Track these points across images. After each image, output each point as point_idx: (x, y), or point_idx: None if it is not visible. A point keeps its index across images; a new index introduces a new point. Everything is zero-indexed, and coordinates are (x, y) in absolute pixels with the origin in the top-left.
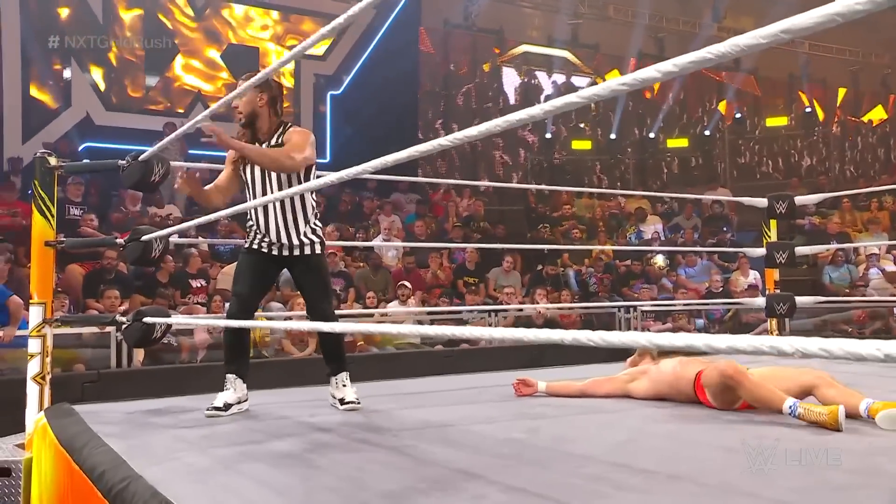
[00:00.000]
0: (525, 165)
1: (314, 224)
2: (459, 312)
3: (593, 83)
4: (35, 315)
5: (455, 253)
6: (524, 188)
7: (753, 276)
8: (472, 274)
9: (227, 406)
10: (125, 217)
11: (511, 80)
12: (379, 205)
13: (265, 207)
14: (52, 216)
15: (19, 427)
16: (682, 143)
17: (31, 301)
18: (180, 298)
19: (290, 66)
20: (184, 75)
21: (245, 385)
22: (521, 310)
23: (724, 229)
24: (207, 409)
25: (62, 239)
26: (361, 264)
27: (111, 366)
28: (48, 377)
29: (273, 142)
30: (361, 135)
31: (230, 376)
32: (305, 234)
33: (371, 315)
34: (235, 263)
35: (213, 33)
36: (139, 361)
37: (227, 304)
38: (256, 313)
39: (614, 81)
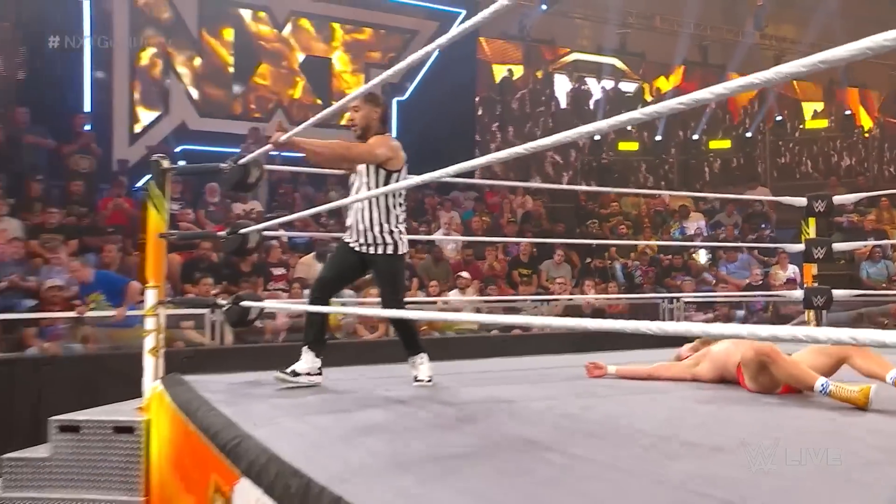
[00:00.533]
0: (575, 165)
1: (394, 228)
2: (514, 301)
3: (640, 89)
4: (150, 297)
5: (510, 246)
6: (573, 189)
7: (792, 270)
8: (525, 266)
9: (296, 374)
10: (212, 212)
11: (562, 85)
12: (439, 202)
13: (354, 208)
14: (165, 212)
15: (137, 393)
16: (725, 144)
17: (146, 285)
18: (263, 285)
19: (361, 75)
20: (265, 84)
21: (319, 360)
22: (570, 299)
23: (764, 226)
24: (276, 376)
25: (172, 232)
26: (424, 256)
27: (205, 344)
28: (161, 351)
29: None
30: (424, 137)
31: (305, 348)
32: (383, 236)
33: (434, 302)
34: (312, 254)
35: (290, 45)
36: (229, 341)
37: (305, 291)
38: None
39: (673, 101)
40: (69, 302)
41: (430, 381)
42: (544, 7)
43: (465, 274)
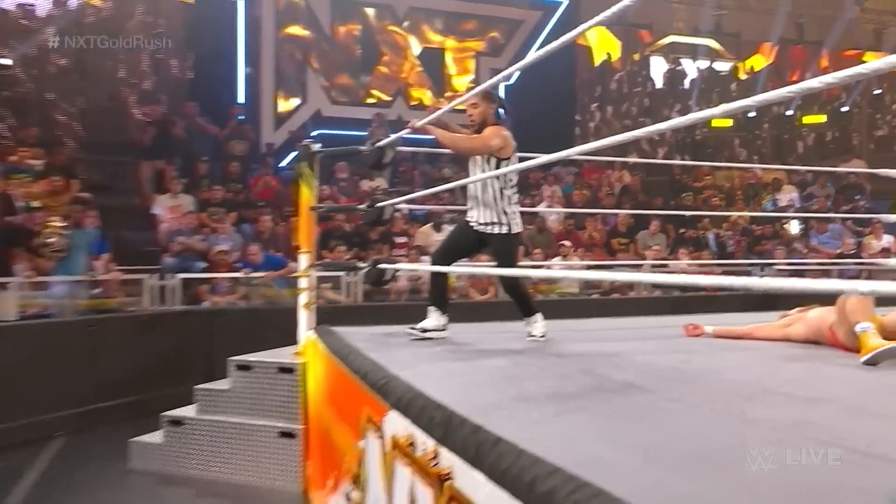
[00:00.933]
0: (670, 141)
1: (507, 209)
2: (612, 267)
3: (734, 68)
4: (303, 261)
5: (608, 217)
6: (668, 163)
7: (887, 240)
8: (623, 236)
9: (425, 330)
10: (343, 187)
11: (658, 67)
12: (542, 177)
13: (471, 192)
14: (314, 189)
15: (290, 341)
16: (820, 119)
17: (299, 251)
18: (388, 252)
19: (471, 62)
20: (387, 73)
21: (445, 317)
22: (665, 265)
23: (857, 197)
24: (408, 329)
25: (321, 205)
26: (529, 227)
27: (341, 302)
28: (313, 306)
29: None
30: (529, 118)
31: (431, 308)
32: (498, 217)
33: (539, 268)
34: (429, 224)
35: (408, 38)
36: (360, 300)
37: (422, 257)
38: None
39: (784, 90)
40: (232, 265)
41: (542, 336)
42: None
43: (566, 242)
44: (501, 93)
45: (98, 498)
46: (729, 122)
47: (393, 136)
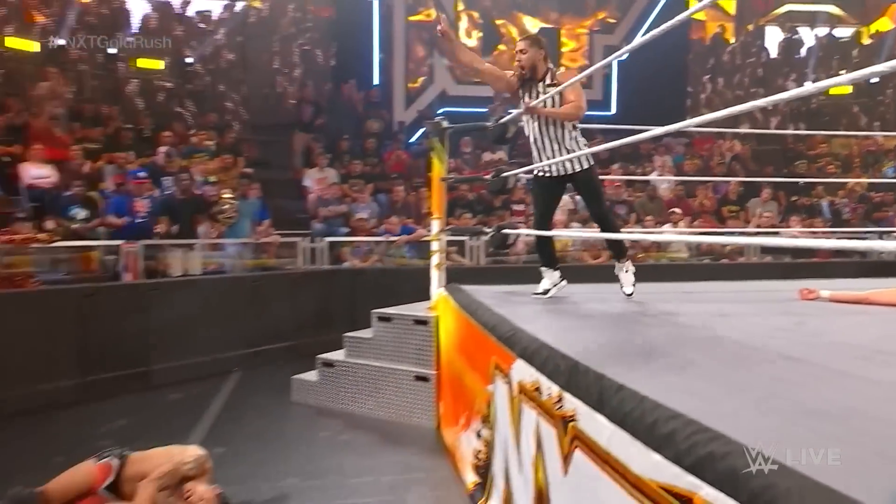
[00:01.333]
0: (784, 111)
1: (576, 144)
2: (722, 234)
3: (857, 33)
4: (435, 226)
5: (719, 186)
6: (781, 133)
7: None
8: (734, 203)
9: (546, 291)
10: (466, 160)
11: (773, 36)
12: (654, 147)
13: (542, 145)
14: (444, 161)
15: (424, 298)
16: None
17: (432, 217)
18: (508, 218)
19: (585, 41)
20: (507, 52)
21: (557, 272)
22: (776, 232)
23: None
24: (533, 294)
25: (450, 176)
26: (640, 194)
27: (465, 264)
28: (443, 266)
29: (547, 80)
30: (641, 91)
31: (543, 269)
32: (572, 158)
33: (650, 234)
34: None
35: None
36: (483, 262)
37: None
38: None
39: None
40: (370, 230)
41: (630, 294)
42: None
43: (677, 210)
44: (615, 68)
45: (267, 423)
46: (848, 90)
47: (514, 113)
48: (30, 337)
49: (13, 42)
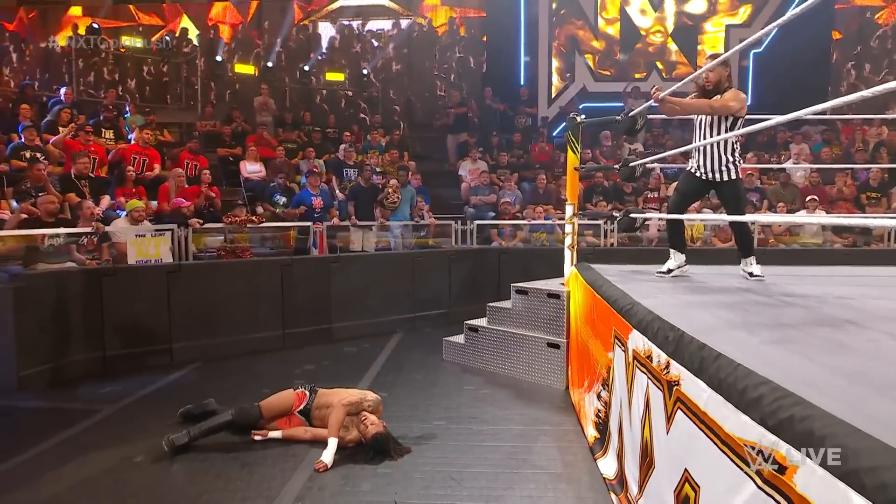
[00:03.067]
0: None
1: (732, 158)
2: (862, 220)
3: None
4: (569, 211)
5: (858, 172)
6: None
7: None
8: (874, 190)
9: (669, 270)
10: (605, 151)
11: None
12: (790, 136)
13: (703, 147)
14: (578, 152)
15: (555, 274)
16: None
17: (566, 202)
18: (641, 205)
19: (721, 34)
20: (644, 50)
21: (683, 256)
22: None
23: None
24: (657, 273)
25: (583, 166)
26: (774, 182)
27: (599, 245)
28: (575, 247)
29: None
30: (778, 81)
31: (672, 250)
32: (728, 167)
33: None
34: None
35: (664, 18)
36: (615, 244)
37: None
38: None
39: None
40: (514, 214)
41: (761, 276)
42: None
43: (813, 196)
44: (752, 61)
45: (422, 376)
46: None
47: (643, 106)
48: (245, 296)
49: (239, 67)
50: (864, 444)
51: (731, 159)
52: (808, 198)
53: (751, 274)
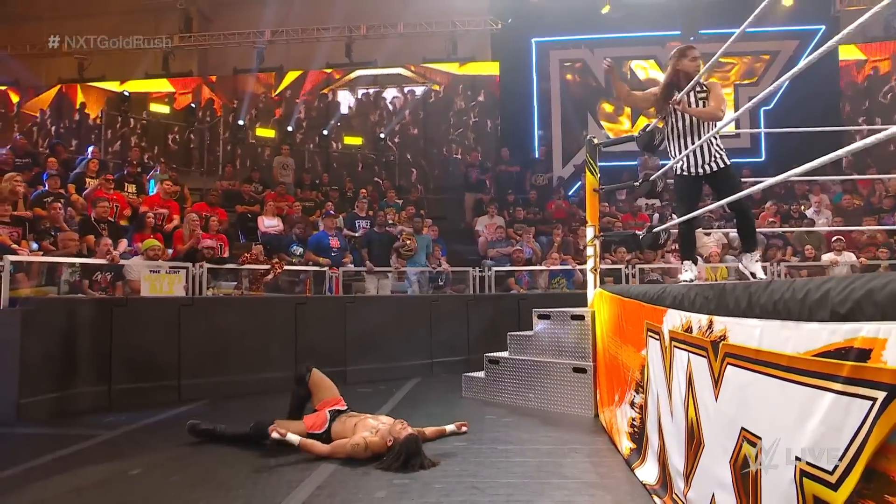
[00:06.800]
0: None
1: (720, 147)
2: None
3: None
4: (590, 233)
5: (885, 219)
6: None
7: None
8: None
9: (690, 280)
10: (620, 205)
11: None
12: (808, 188)
13: (689, 144)
14: (596, 173)
15: (578, 305)
16: None
17: (586, 225)
18: (660, 257)
19: (730, 90)
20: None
21: (695, 267)
22: None
23: None
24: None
25: (602, 187)
26: (796, 229)
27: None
28: (598, 269)
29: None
30: (790, 136)
31: (687, 262)
32: (720, 154)
33: (809, 265)
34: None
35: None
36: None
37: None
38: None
39: None
40: (527, 261)
41: (765, 276)
42: None
43: (841, 238)
44: (762, 117)
45: (440, 409)
46: None
47: (662, 170)
48: (258, 334)
49: (260, 131)
50: None
51: (718, 147)
52: (834, 238)
53: (753, 275)
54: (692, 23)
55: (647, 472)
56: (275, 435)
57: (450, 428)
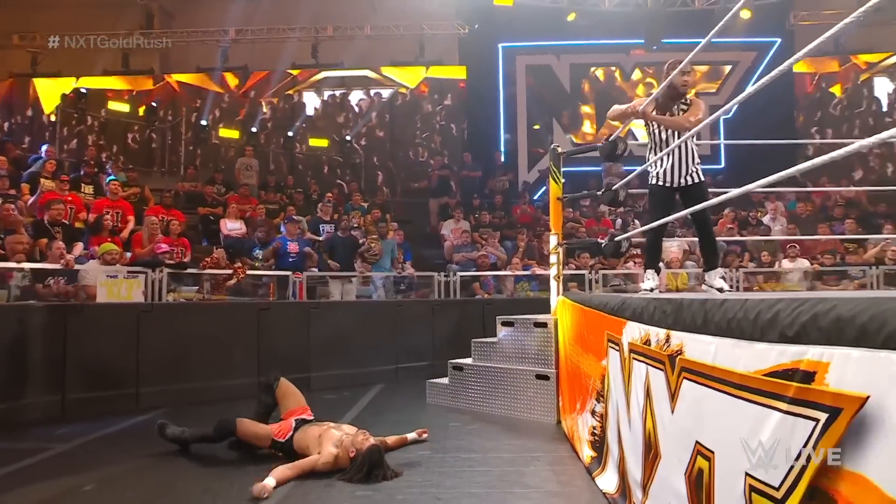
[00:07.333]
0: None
1: (696, 160)
2: (844, 265)
3: None
4: (553, 241)
5: (835, 226)
6: None
7: None
8: (852, 241)
9: (652, 289)
10: (585, 211)
11: (883, 86)
12: (765, 195)
13: (670, 155)
14: (560, 182)
15: (542, 311)
16: None
17: (550, 232)
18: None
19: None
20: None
21: (657, 275)
22: None
23: None
24: (639, 292)
25: (566, 195)
26: (753, 238)
27: None
28: (561, 277)
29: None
30: (748, 145)
31: (650, 271)
32: (696, 168)
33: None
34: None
35: (635, 88)
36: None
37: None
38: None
39: None
40: (494, 267)
41: (730, 290)
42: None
43: (795, 245)
44: (721, 125)
45: (404, 416)
46: None
47: (625, 180)
48: (220, 341)
49: (224, 132)
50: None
51: (696, 161)
52: (789, 245)
53: (720, 290)
54: (655, 32)
55: (608, 480)
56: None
57: (411, 436)
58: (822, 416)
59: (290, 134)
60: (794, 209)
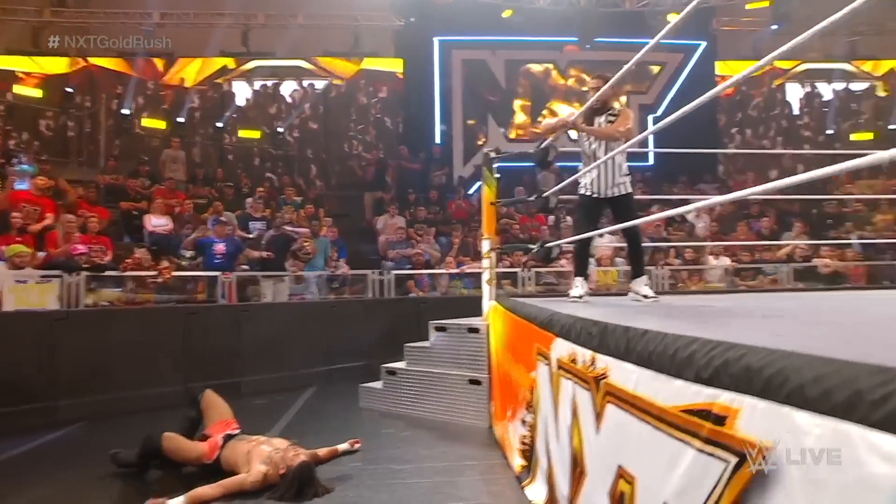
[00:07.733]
0: (805, 157)
1: (626, 175)
2: (758, 263)
3: (872, 87)
4: (486, 245)
5: (753, 223)
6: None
7: None
8: (767, 238)
9: (580, 296)
10: (521, 207)
11: (795, 92)
12: (689, 193)
13: (598, 168)
14: (493, 187)
15: (475, 314)
16: None
17: (483, 237)
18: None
19: (623, 98)
20: (555, 114)
21: (586, 283)
22: (809, 261)
23: None
24: (568, 298)
25: (499, 200)
26: (679, 233)
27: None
28: (493, 282)
29: (613, 111)
30: (674, 145)
31: (578, 278)
32: (623, 181)
33: (689, 264)
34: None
35: (570, 85)
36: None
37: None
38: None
39: None
40: (428, 264)
41: (648, 297)
42: (774, 27)
43: (718, 243)
44: (650, 124)
45: (336, 423)
46: (871, 135)
47: (556, 187)
48: (143, 348)
49: (147, 122)
50: (801, 361)
51: (624, 173)
52: (712, 243)
53: (645, 296)
54: (589, 30)
55: (537, 491)
56: None
57: (342, 447)
58: (733, 460)
59: (220, 125)
60: (713, 207)
